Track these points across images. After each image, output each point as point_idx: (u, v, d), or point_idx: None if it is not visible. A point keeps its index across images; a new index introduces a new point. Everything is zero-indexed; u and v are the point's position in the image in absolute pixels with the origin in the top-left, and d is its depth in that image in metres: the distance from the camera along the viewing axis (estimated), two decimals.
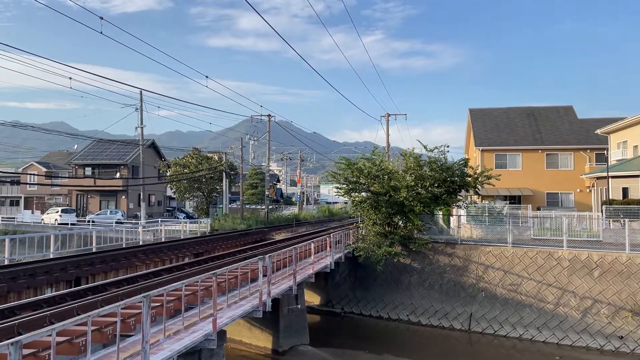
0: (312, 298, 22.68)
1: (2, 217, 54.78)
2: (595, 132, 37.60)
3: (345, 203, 65.75)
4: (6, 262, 17.87)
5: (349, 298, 22.54)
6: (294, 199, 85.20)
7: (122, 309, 7.39)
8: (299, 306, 16.35)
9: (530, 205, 32.97)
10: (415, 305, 20.98)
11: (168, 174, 53.95)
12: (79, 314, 8.78)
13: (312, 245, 17.58)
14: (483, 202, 35.55)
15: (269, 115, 45.77)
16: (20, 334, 7.76)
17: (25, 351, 6.49)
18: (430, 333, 19.49)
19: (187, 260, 21.40)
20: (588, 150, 40.57)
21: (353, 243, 23.04)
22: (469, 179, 23.93)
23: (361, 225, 24.49)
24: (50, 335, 5.79)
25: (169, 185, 58.45)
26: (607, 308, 17.78)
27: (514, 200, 39.14)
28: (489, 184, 24.41)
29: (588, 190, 38.89)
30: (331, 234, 19.81)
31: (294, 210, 63.18)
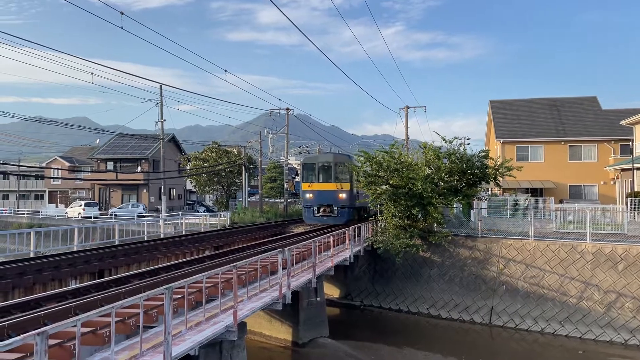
0: (332, 291, 22.72)
1: (27, 211, 55.96)
2: (620, 123, 36.75)
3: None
4: (32, 255, 18.24)
5: (368, 291, 22.53)
6: None
7: (144, 300, 7.48)
8: (318, 299, 16.40)
9: (553, 198, 32.44)
10: (435, 298, 20.87)
11: (188, 167, 54.42)
12: (102, 306, 8.92)
13: (331, 238, 17.57)
14: (504, 194, 35.11)
15: (287, 109, 45.79)
16: (47, 325, 7.92)
17: (51, 341, 6.62)
18: (451, 327, 19.38)
19: (207, 252, 21.59)
20: (612, 142, 39.73)
21: (372, 236, 22.98)
22: (489, 170, 23.64)
23: (380, 218, 24.41)
24: (75, 326, 5.89)
25: (189, 179, 58.99)
26: (632, 302, 17.44)
27: (536, 193, 38.58)
28: (510, 176, 24.10)
29: (612, 182, 38.13)
30: (350, 227, 19.77)
31: None
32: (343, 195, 26.31)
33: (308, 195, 27.46)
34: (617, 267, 18.26)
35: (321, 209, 26.83)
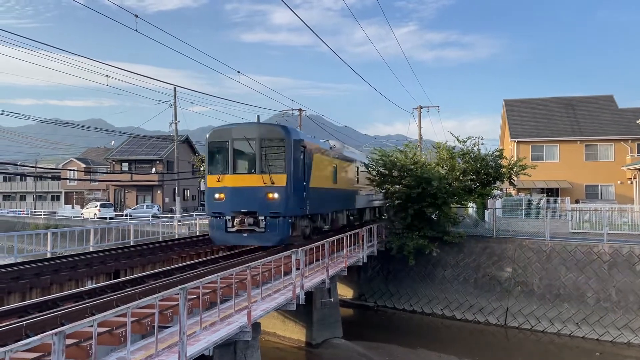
0: (345, 291, 22.70)
1: (44, 212, 56.71)
2: (637, 122, 36.27)
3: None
4: (49, 255, 18.46)
5: (381, 292, 22.46)
6: None
7: (159, 300, 7.53)
8: (331, 299, 16.37)
9: (569, 198, 32.09)
10: (450, 299, 20.74)
11: (202, 168, 54.71)
12: (118, 306, 9.00)
13: (345, 239, 17.54)
14: (519, 194, 34.81)
15: (300, 110, 45.79)
16: (64, 325, 8.01)
17: (68, 341, 6.69)
18: (465, 327, 19.25)
19: (221, 253, 21.66)
20: (629, 141, 39.14)
21: (385, 236, 22.90)
22: (504, 169, 23.47)
23: (393, 218, 24.31)
24: (91, 326, 5.95)
25: (203, 180, 59.28)
26: None
27: (552, 192, 38.16)
28: (525, 174, 23.89)
29: (629, 182, 37.58)
30: (363, 228, 19.72)
31: None
32: (276, 196, 15.74)
33: (216, 196, 16.35)
34: (634, 268, 17.99)
35: (237, 220, 15.94)
